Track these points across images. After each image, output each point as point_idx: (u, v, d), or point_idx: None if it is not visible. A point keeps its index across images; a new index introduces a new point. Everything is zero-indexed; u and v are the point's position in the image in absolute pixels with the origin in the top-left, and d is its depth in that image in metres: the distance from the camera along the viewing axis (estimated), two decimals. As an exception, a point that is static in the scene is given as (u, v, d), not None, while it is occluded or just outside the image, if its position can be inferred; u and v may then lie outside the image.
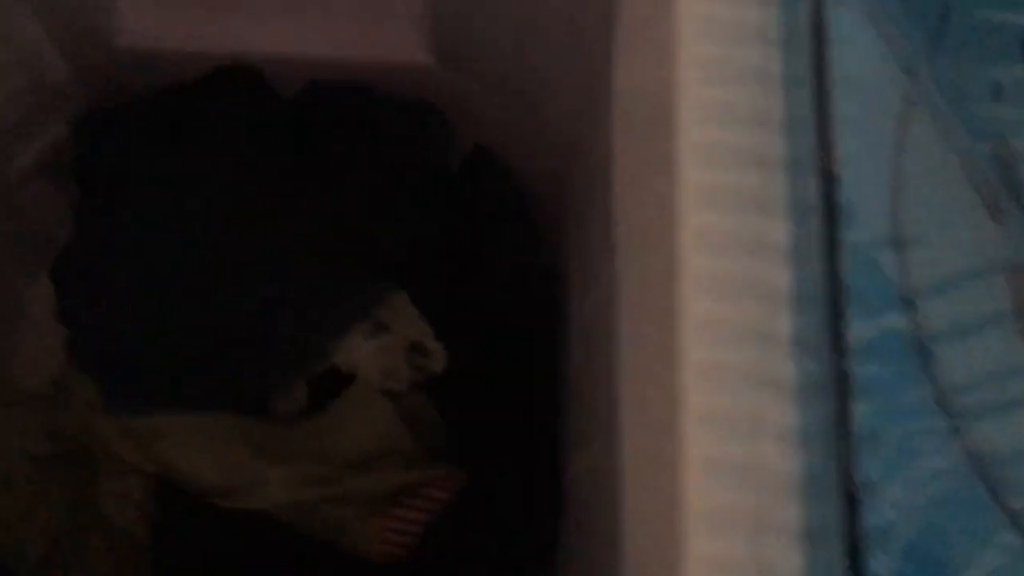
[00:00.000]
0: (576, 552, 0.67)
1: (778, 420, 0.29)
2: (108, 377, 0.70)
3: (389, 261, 0.72)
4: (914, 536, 0.30)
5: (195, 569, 0.71)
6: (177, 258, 0.69)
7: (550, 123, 0.81)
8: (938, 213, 0.33)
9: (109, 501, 0.73)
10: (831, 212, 0.30)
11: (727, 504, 0.28)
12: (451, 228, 0.77)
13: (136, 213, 0.71)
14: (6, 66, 0.69)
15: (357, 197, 0.73)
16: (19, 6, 0.66)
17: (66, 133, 0.80)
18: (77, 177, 0.77)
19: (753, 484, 0.28)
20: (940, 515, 0.31)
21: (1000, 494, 0.31)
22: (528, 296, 0.81)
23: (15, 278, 0.91)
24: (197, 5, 0.78)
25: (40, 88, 0.73)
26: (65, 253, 0.75)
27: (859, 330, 0.30)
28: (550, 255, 0.85)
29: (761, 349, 0.29)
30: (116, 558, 0.73)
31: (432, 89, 0.82)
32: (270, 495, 0.67)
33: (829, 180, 0.30)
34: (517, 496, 0.72)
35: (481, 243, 0.79)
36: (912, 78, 0.33)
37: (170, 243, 0.69)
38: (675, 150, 0.30)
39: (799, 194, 0.30)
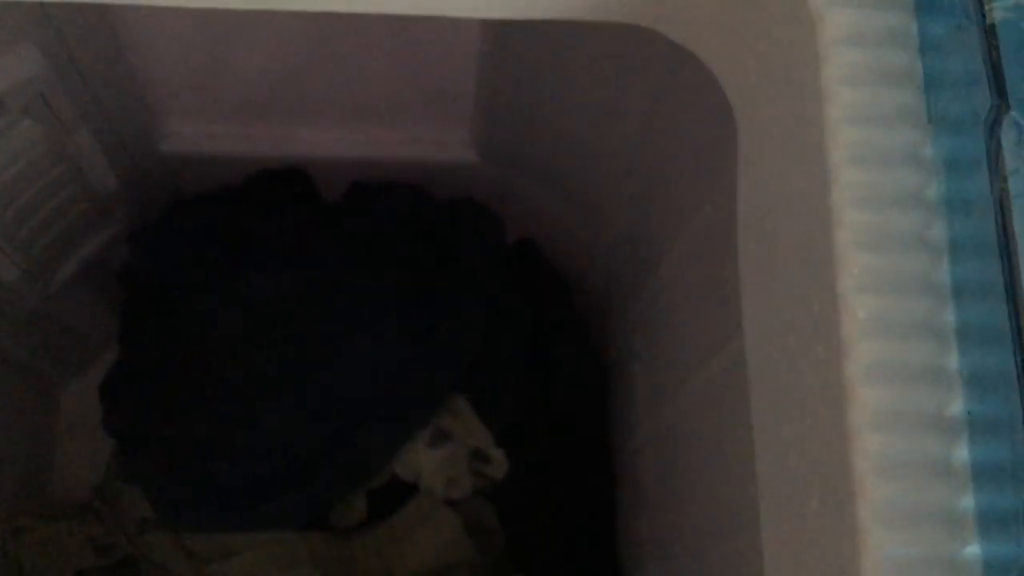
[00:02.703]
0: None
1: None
2: (163, 494, 0.68)
3: (446, 364, 0.70)
4: None
5: None
6: (234, 373, 0.67)
7: (596, 214, 0.81)
8: None
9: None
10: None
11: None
12: (503, 326, 0.76)
13: (190, 327, 0.69)
14: (61, 179, 0.68)
15: (412, 300, 0.72)
16: (80, 123, 0.65)
17: (109, 238, 0.79)
18: (124, 284, 0.77)
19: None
20: None
21: None
22: (581, 393, 0.80)
23: (49, 381, 0.90)
24: (241, 110, 0.78)
25: (89, 197, 0.73)
26: (116, 366, 0.73)
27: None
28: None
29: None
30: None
31: (475, 186, 0.82)
32: (338, 614, 0.65)
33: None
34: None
35: (533, 341, 0.78)
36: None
37: (226, 357, 0.68)
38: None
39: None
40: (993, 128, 0.28)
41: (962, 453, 0.29)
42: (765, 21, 0.35)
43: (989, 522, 0.29)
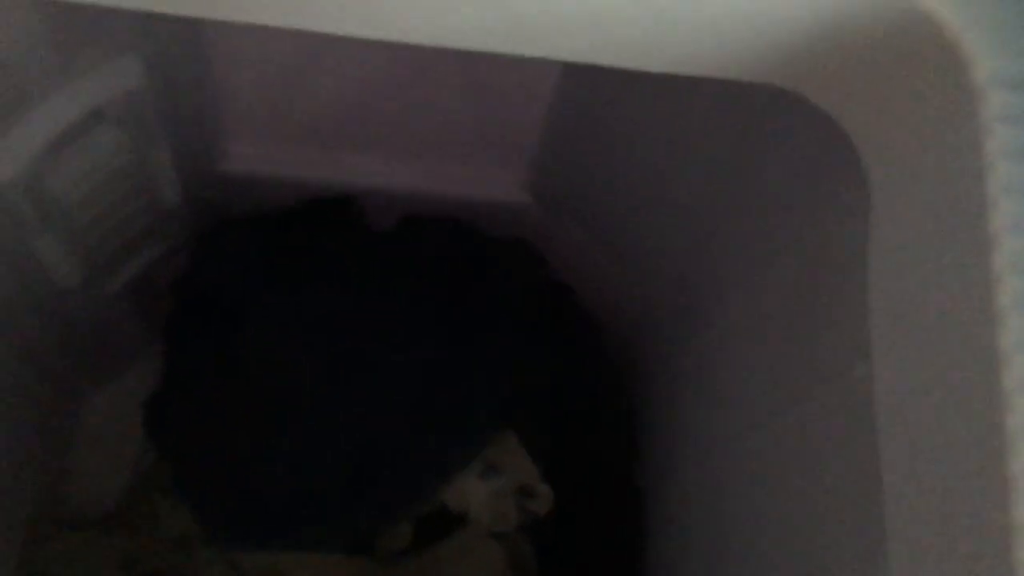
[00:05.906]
0: None
1: None
2: (211, 511, 0.68)
3: (495, 400, 0.72)
4: None
5: None
6: (283, 390, 0.68)
7: (639, 260, 0.83)
8: None
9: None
10: None
11: None
12: (544, 360, 0.78)
13: (243, 343, 0.70)
14: (134, 192, 0.69)
15: (463, 334, 0.74)
16: (163, 137, 0.67)
17: (160, 253, 0.80)
18: (176, 297, 0.77)
19: None
20: None
21: None
22: (610, 432, 0.82)
23: (73, 389, 0.89)
24: (304, 136, 0.80)
25: (154, 210, 0.74)
26: (165, 381, 0.74)
27: None
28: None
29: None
30: None
31: (525, 226, 0.84)
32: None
33: None
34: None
35: (566, 383, 0.79)
36: None
37: (276, 374, 0.69)
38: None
39: None
40: None
41: None
42: (920, 92, 0.38)
43: None
